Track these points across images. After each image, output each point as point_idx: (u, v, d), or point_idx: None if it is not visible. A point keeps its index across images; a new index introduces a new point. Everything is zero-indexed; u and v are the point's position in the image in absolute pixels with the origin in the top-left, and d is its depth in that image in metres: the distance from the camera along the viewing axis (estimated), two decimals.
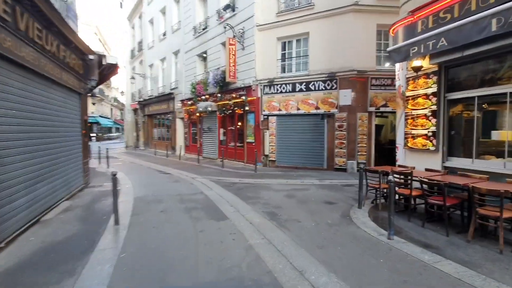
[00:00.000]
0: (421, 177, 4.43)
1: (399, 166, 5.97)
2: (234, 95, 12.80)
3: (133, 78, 22.52)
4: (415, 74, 5.64)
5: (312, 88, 10.82)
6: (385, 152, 11.13)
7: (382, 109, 10.24)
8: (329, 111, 10.54)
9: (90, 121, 39.40)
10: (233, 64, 12.38)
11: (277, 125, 11.74)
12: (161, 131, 21.78)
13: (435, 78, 5.29)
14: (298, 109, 11.16)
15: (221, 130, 14.51)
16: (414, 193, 4.69)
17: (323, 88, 10.61)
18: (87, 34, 39.79)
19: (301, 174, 10.00)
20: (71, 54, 6.54)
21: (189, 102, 16.28)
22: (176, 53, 18.68)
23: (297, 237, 4.14)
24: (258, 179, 9.21)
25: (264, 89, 11.90)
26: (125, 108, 30.08)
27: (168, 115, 19.32)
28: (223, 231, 4.41)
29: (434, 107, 5.31)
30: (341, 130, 10.35)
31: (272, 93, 11.74)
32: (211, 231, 4.39)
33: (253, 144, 12.23)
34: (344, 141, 10.32)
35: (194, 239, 4.10)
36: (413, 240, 3.94)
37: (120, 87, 49.84)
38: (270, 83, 11.67)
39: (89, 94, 8.72)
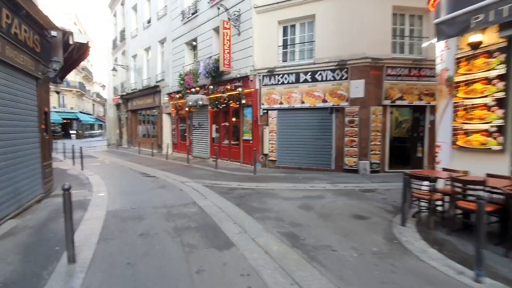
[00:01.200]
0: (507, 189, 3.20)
1: (445, 170, 4.76)
2: (228, 87, 11.35)
3: (114, 70, 20.58)
4: (471, 52, 4.43)
5: (319, 78, 9.54)
6: (397, 150, 10.05)
7: (398, 102, 9.09)
8: (338, 105, 9.29)
9: (69, 117, 37.05)
10: (228, 51, 10.92)
11: (278, 121, 10.41)
12: (146, 127, 20.03)
13: (502, 57, 4.07)
14: (303, 102, 9.86)
15: (214, 127, 13.04)
16: (489, 208, 3.47)
17: (332, 79, 9.34)
18: (66, 24, 37.06)
19: (307, 177, 8.73)
20: (23, 24, 4.95)
21: (177, 96, 14.69)
22: (162, 42, 16.98)
23: (341, 280, 2.82)
24: (259, 183, 7.86)
25: (263, 79, 10.52)
26: (107, 103, 27.94)
27: (154, 110, 17.62)
28: (230, 269, 3.04)
29: (499, 95, 4.10)
30: (352, 126, 9.13)
31: (272, 84, 10.37)
32: (213, 271, 3.01)
33: (251, 142, 10.85)
34: (356, 139, 9.11)
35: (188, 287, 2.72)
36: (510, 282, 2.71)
37: (103, 82, 47.04)
38: (270, 73, 10.30)
39: (53, 81, 7.08)
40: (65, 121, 36.70)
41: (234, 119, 11.73)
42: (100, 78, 51.02)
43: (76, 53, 7.33)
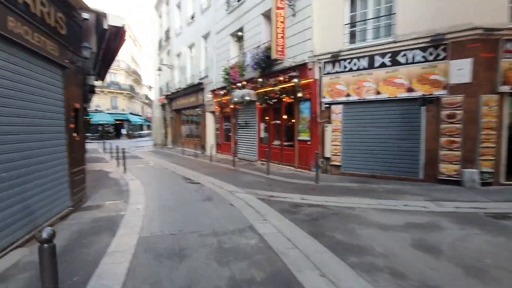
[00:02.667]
0: None
1: None
2: (281, 79, 9.69)
3: (159, 69, 20.38)
4: None
5: (402, 61, 7.37)
6: None
7: None
8: (430, 94, 7.03)
9: (120, 118, 39.02)
10: (282, 35, 9.26)
11: (344, 117, 8.45)
12: (189, 127, 19.41)
13: None
14: (378, 93, 7.77)
15: (262, 125, 11.52)
16: None
17: (421, 60, 7.11)
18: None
19: (390, 189, 6.67)
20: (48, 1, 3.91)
21: (222, 92, 13.49)
22: (205, 37, 16.02)
23: None
24: (328, 196, 6.06)
25: (324, 67, 8.65)
26: (153, 103, 28.40)
27: (197, 109, 16.77)
28: None
29: None
30: (453, 122, 6.80)
31: (336, 72, 8.45)
32: None
33: (308, 143, 9.05)
34: (458, 139, 6.76)
35: None
36: None
37: (151, 84, 49.08)
38: (334, 59, 8.39)
39: (87, 73, 6.15)
40: (117, 122, 38.79)
41: (287, 116, 10.04)
42: (148, 81, 53.46)
43: (112, 40, 6.34)
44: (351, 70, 8.19)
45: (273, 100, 10.19)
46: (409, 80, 7.27)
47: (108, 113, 36.90)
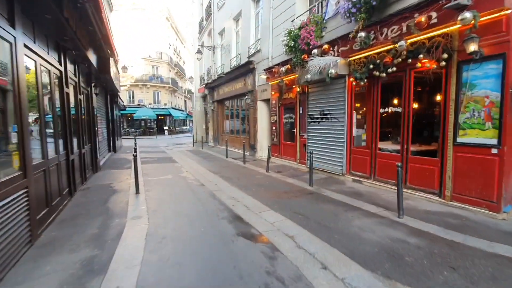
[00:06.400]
0: None
1: None
2: (410, 24, 5.00)
3: (199, 52, 16.82)
4: None
5: None
6: None
7: None
8: None
9: (162, 113, 37.20)
10: None
11: None
12: (234, 121, 15.59)
13: None
14: None
15: (354, 116, 6.97)
16: None
17: None
18: (160, 20, 37.33)
19: None
20: None
21: (283, 69, 9.17)
22: (256, 0, 11.88)
23: None
24: None
25: None
26: (193, 96, 25.34)
27: (245, 97, 12.75)
28: None
29: None
30: None
31: None
32: None
33: (491, 150, 4.25)
34: None
35: None
36: None
37: (192, 75, 47.07)
38: None
39: None
40: (160, 117, 37.20)
41: (419, 98, 5.34)
42: (190, 74, 51.65)
43: None
44: None
45: (388, 70, 5.55)
46: None
47: (151, 108, 35.35)
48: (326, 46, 7.03)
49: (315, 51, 7.32)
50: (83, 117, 7.32)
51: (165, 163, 10.72)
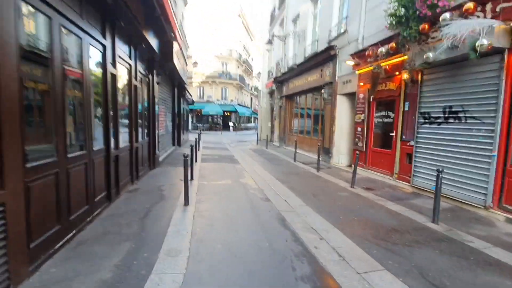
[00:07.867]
0: None
1: None
2: None
3: (270, 42, 15.34)
4: None
5: None
6: None
7: None
8: None
9: (228, 109, 37.47)
10: None
11: None
12: (304, 120, 13.60)
13: None
14: None
15: None
16: None
17: None
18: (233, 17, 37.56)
19: None
20: None
21: (382, 49, 6.77)
22: None
23: None
24: None
25: None
26: (260, 92, 24.14)
27: (322, 91, 10.63)
28: None
29: None
30: None
31: None
32: None
33: None
34: None
35: None
36: None
37: (260, 71, 46.59)
38: None
39: None
40: (226, 113, 37.57)
41: None
42: (257, 70, 51.21)
43: None
44: None
45: None
46: None
47: (218, 104, 35.91)
48: (470, 5, 4.47)
49: (446, 15, 4.81)
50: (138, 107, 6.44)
51: (226, 162, 9.50)
